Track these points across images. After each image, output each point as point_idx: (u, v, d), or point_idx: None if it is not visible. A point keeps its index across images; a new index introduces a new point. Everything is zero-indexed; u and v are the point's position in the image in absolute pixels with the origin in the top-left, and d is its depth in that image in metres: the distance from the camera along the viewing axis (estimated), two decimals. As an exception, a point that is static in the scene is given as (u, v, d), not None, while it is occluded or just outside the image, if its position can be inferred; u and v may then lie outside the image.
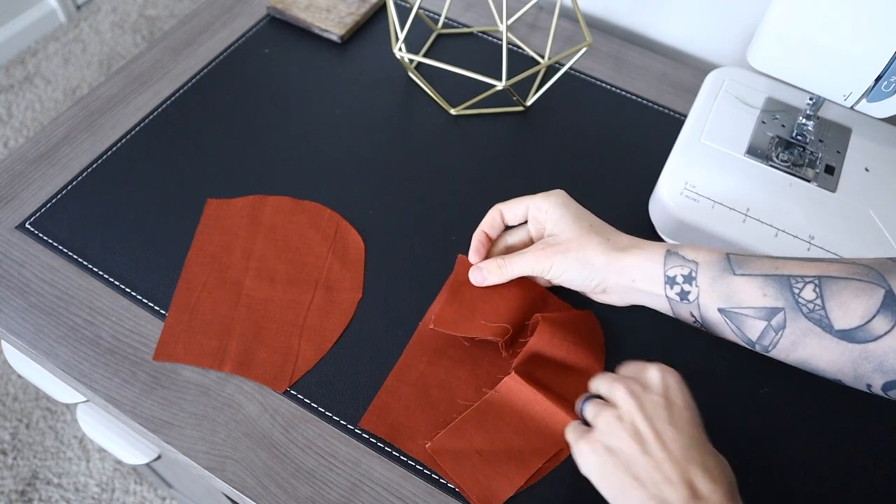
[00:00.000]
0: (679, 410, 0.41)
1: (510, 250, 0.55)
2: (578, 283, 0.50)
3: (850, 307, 0.40)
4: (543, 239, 0.52)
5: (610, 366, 0.53)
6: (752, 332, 0.44)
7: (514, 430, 0.49)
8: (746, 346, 0.45)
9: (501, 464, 0.48)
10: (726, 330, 0.45)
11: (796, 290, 0.42)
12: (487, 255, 0.55)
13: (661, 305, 0.47)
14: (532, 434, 0.49)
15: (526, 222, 0.54)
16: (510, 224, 0.54)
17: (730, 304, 0.44)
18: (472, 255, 0.54)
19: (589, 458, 0.42)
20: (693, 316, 0.46)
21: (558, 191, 0.52)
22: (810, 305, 0.42)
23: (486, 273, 0.52)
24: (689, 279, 0.45)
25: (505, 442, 0.48)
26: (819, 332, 0.41)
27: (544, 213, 0.51)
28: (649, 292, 0.47)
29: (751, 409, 0.52)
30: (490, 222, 0.54)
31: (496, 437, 0.49)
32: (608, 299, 0.51)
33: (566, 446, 0.48)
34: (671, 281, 0.46)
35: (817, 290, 0.42)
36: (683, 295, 0.45)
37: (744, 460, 0.50)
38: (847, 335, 0.41)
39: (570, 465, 0.48)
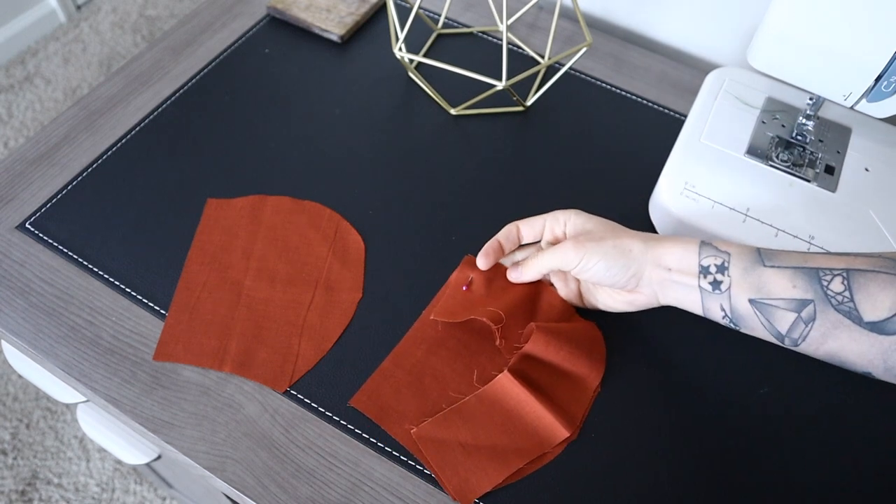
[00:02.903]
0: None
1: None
2: (613, 273, 0.49)
3: (878, 299, 0.41)
4: (572, 235, 0.52)
5: (610, 375, 0.53)
6: (781, 324, 0.44)
7: (500, 427, 0.49)
8: (775, 340, 0.46)
9: (483, 459, 0.48)
10: (755, 323, 0.46)
11: (825, 283, 0.43)
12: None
13: (692, 300, 0.48)
14: (518, 434, 0.49)
15: (538, 242, 0.55)
16: (525, 241, 0.55)
17: (760, 295, 0.45)
18: (481, 259, 0.54)
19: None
20: (723, 310, 0.47)
21: (574, 209, 0.53)
22: (839, 297, 0.42)
23: (522, 269, 0.53)
24: (721, 269, 0.46)
25: (490, 438, 0.49)
26: (849, 324, 0.42)
27: (562, 225, 0.52)
28: (683, 283, 0.47)
29: (751, 409, 0.52)
30: (506, 234, 0.54)
31: (482, 432, 0.49)
32: (637, 298, 0.51)
33: (550, 450, 0.49)
34: (705, 271, 0.46)
35: (845, 282, 0.42)
36: (716, 285, 0.46)
37: (744, 460, 0.50)
38: (876, 327, 0.41)
39: (550, 468, 0.49)
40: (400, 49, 0.66)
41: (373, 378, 0.52)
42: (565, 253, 0.49)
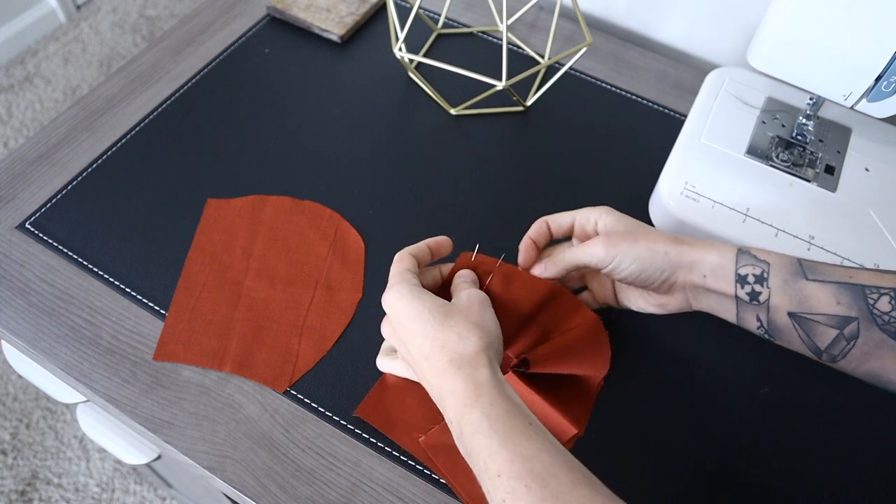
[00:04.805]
0: (404, 323, 0.45)
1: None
2: (646, 275, 0.47)
3: None
4: (603, 233, 0.49)
5: (612, 374, 0.53)
6: (821, 340, 0.43)
7: None
8: (812, 355, 0.44)
9: None
10: (793, 337, 0.44)
11: (871, 301, 0.42)
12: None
13: (727, 309, 0.46)
14: None
15: (569, 238, 0.53)
16: (556, 236, 0.52)
17: (801, 308, 0.43)
18: (521, 260, 0.51)
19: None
20: (759, 321, 0.45)
21: (605, 206, 0.51)
22: (885, 317, 0.41)
23: (547, 264, 0.50)
24: (760, 279, 0.44)
25: None
26: (893, 344, 0.41)
27: (593, 224, 0.49)
28: (718, 291, 0.46)
29: (751, 409, 0.52)
30: (537, 230, 0.51)
31: None
32: (669, 302, 0.49)
33: None
34: (742, 280, 0.45)
35: (893, 302, 0.41)
36: (754, 295, 0.45)
37: (744, 460, 0.50)
38: None
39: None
40: (400, 49, 0.66)
41: (376, 387, 0.51)
42: (595, 250, 0.47)
